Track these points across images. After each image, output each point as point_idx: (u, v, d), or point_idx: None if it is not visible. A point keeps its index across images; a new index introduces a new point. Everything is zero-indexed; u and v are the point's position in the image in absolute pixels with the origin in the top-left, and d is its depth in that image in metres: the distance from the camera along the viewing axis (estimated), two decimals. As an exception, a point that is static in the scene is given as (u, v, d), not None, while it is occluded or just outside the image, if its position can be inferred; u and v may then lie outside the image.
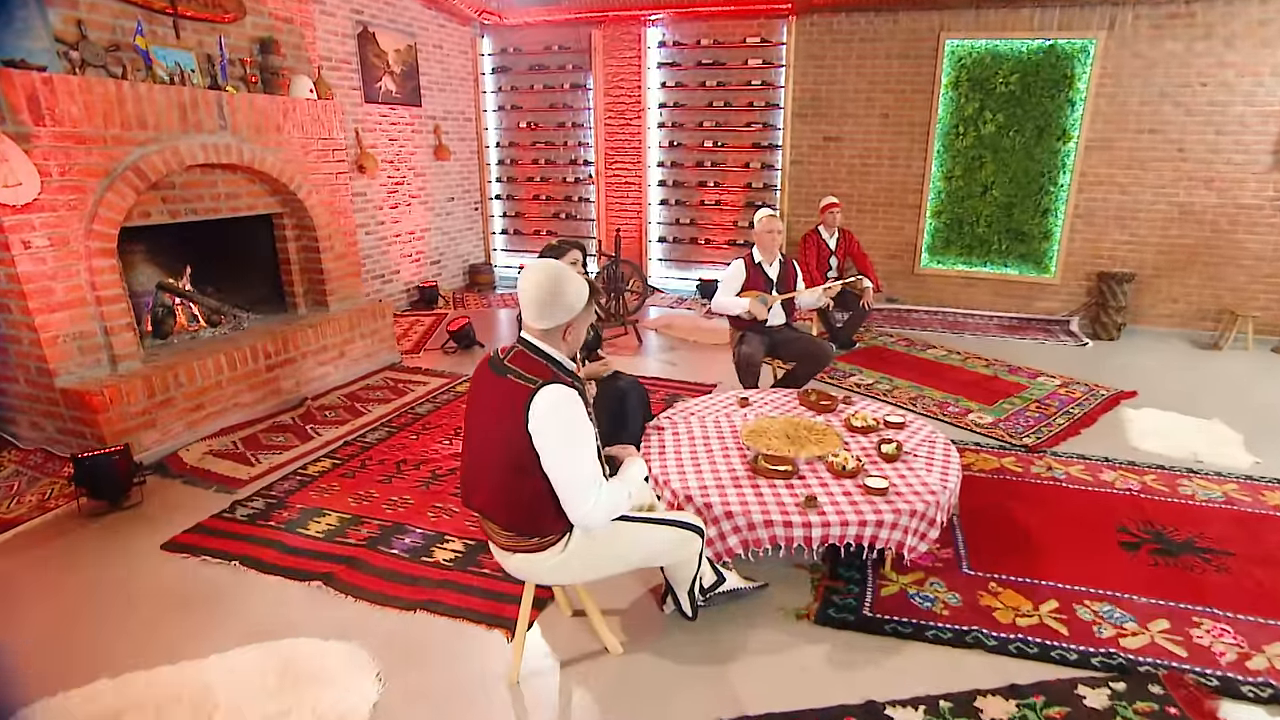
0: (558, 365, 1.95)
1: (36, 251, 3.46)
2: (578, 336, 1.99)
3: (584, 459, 1.85)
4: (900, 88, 6.50)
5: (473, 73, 7.94)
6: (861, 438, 3.12)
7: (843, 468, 2.75)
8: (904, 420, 3.25)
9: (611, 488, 1.93)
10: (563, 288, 1.89)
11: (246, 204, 4.61)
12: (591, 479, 1.86)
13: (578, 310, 1.93)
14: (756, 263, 4.14)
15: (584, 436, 1.87)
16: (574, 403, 1.86)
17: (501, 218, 8.59)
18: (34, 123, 3.38)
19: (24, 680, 2.26)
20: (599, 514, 1.87)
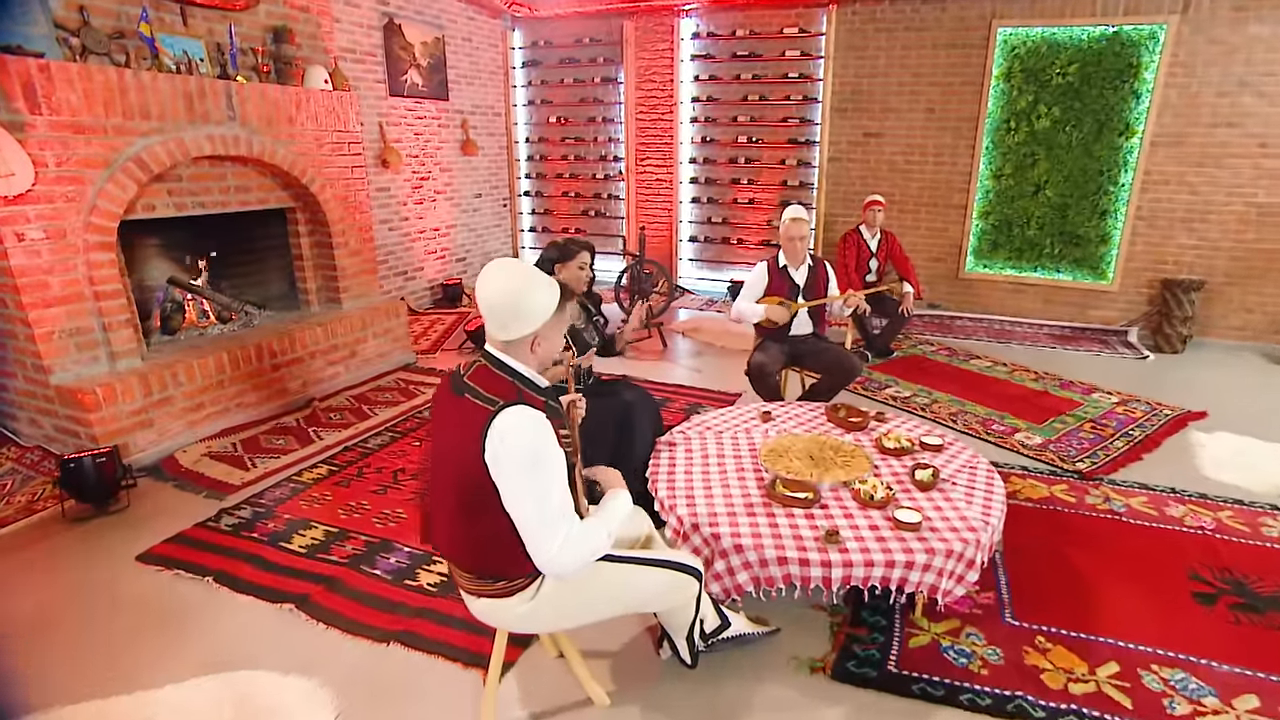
0: (526, 383, 1.69)
1: (31, 244, 3.33)
2: (550, 347, 1.73)
3: (550, 493, 1.58)
4: (947, 80, 6.07)
5: (503, 66, 7.75)
6: (894, 461, 2.79)
7: (870, 497, 2.42)
8: (942, 442, 2.90)
9: (587, 526, 1.65)
10: (527, 293, 1.63)
11: (257, 198, 4.46)
12: (558, 516, 1.59)
13: (545, 318, 1.66)
14: (781, 266, 3.81)
15: (550, 466, 1.59)
16: (538, 427, 1.59)
17: (530, 215, 8.39)
18: (29, 111, 3.25)
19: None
20: (568, 558, 1.59)
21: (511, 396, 1.61)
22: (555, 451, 1.61)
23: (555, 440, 1.63)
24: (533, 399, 1.66)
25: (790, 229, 3.71)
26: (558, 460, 1.61)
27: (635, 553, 1.87)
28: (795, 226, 3.70)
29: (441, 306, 7.13)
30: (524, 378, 1.69)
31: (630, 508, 1.83)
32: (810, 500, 2.43)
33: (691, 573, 1.89)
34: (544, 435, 1.59)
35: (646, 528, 2.14)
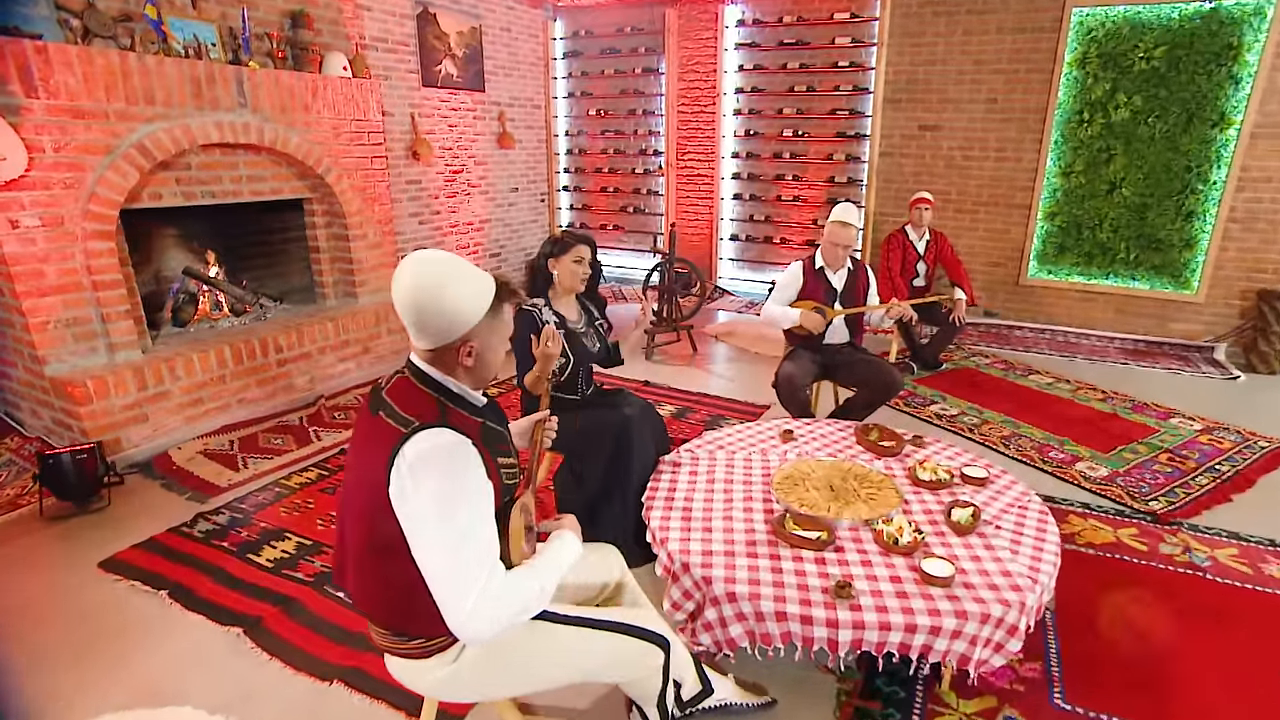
0: (454, 399, 1.39)
1: (26, 232, 3.21)
2: (489, 358, 1.42)
3: (465, 539, 1.26)
4: (1013, 67, 5.51)
5: (543, 57, 7.50)
6: (928, 495, 2.38)
7: (894, 541, 2.04)
8: (986, 475, 2.48)
9: (513, 581, 1.33)
10: (448, 289, 1.32)
11: (271, 188, 4.31)
12: (475, 568, 1.27)
13: (473, 320, 1.35)
14: (818, 268, 3.42)
15: (467, 506, 1.28)
16: (456, 457, 1.29)
17: (569, 210, 8.14)
18: (25, 94, 3.13)
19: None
20: (485, 620, 1.26)
21: (430, 416, 1.31)
22: (476, 487, 1.30)
23: (482, 473, 1.32)
24: (461, 420, 1.36)
25: (836, 233, 3.30)
26: (480, 498, 1.31)
27: (585, 612, 1.54)
28: (842, 232, 3.29)
29: (473, 302, 6.94)
30: (451, 393, 1.39)
31: (576, 556, 1.50)
32: (823, 541, 2.06)
33: (655, 641, 1.55)
34: (462, 467, 1.29)
35: (616, 573, 1.82)
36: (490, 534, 1.31)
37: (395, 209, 6.15)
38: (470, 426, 1.37)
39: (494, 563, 1.30)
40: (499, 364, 1.46)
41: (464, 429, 1.33)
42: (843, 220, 3.29)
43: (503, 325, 1.42)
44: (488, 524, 1.31)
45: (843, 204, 3.36)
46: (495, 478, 1.38)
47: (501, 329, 1.42)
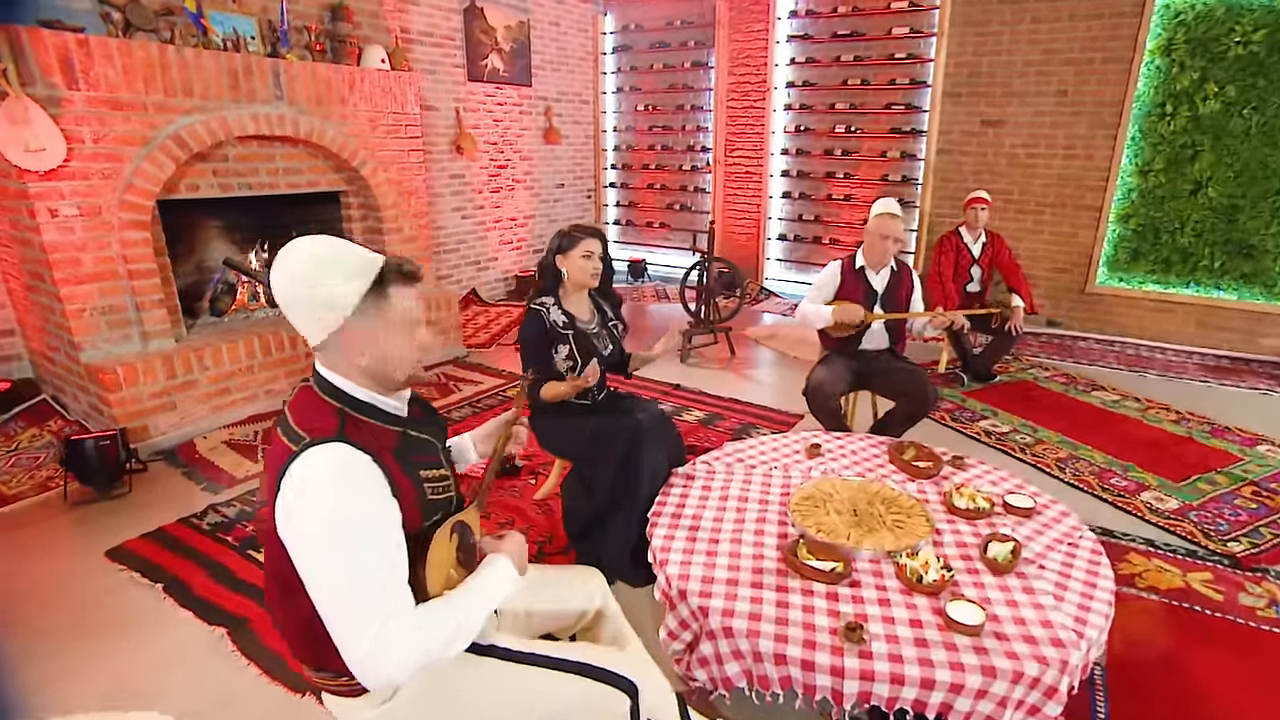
0: (360, 409, 1.22)
1: (64, 221, 3.25)
2: (387, 353, 1.21)
3: (357, 571, 1.09)
4: (1086, 57, 5.07)
5: (592, 52, 7.38)
6: (964, 525, 2.12)
7: (918, 578, 1.80)
8: (1033, 504, 2.19)
9: (424, 617, 1.14)
10: (317, 274, 1.16)
11: (308, 180, 4.29)
12: (372, 604, 1.09)
13: (348, 309, 1.17)
14: (857, 268, 3.16)
15: (361, 533, 1.11)
16: (346, 475, 1.12)
17: (615, 207, 8.00)
18: (66, 86, 3.16)
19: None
20: (384, 664, 1.08)
21: (326, 430, 1.15)
22: (374, 511, 1.13)
23: (384, 493, 1.15)
24: (368, 432, 1.20)
25: (881, 225, 3.04)
26: (378, 523, 1.13)
27: (541, 648, 1.37)
28: (887, 224, 3.03)
29: (514, 299, 6.87)
30: (356, 401, 1.22)
31: (511, 586, 1.29)
32: (837, 574, 1.84)
33: (620, 686, 1.36)
34: (356, 488, 1.12)
35: (597, 600, 1.64)
36: (392, 564, 1.13)
37: (438, 203, 6.13)
38: (382, 438, 1.22)
39: (397, 598, 1.12)
40: (407, 360, 1.24)
41: (367, 443, 1.17)
42: (888, 212, 3.02)
43: (395, 312, 1.21)
44: (388, 553, 1.13)
45: (885, 199, 3.10)
46: (410, 496, 1.22)
47: (394, 316, 1.21)
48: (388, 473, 1.17)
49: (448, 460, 1.39)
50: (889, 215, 3.02)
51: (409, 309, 1.22)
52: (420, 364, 1.27)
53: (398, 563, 1.14)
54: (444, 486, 1.32)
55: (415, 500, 1.22)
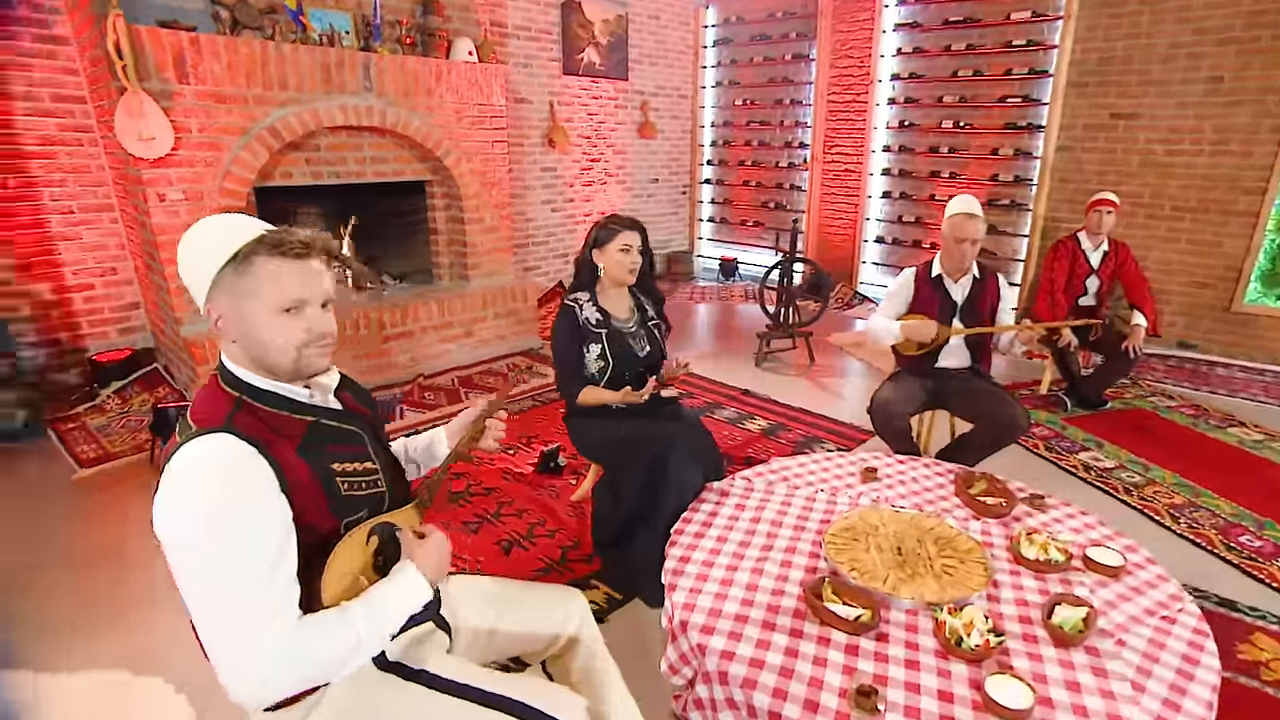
0: (261, 398, 1.11)
1: (170, 205, 3.45)
2: (252, 333, 1.09)
3: (225, 577, 0.97)
4: (1252, 34, 4.28)
5: (693, 45, 7.17)
6: (1029, 580, 1.79)
7: (958, 640, 1.51)
8: (1123, 562, 1.82)
9: (308, 632, 1.01)
10: (189, 244, 1.10)
11: (394, 169, 4.38)
12: (238, 615, 0.97)
13: (207, 281, 1.07)
14: (934, 276, 2.80)
15: (231, 535, 0.98)
16: (221, 470, 1.00)
17: (710, 204, 7.77)
18: (178, 80, 3.34)
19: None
20: (253, 682, 0.97)
21: (214, 420, 1.05)
22: (250, 510, 1.01)
23: (269, 490, 1.03)
24: (265, 422, 1.09)
25: (956, 227, 2.69)
26: (256, 525, 1.01)
27: (477, 678, 1.21)
28: (963, 225, 2.67)
29: (602, 292, 6.80)
30: (256, 389, 1.11)
31: (417, 598, 1.13)
32: (862, 624, 1.58)
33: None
34: (230, 485, 1.00)
35: (572, 625, 1.48)
36: (270, 569, 1.00)
37: (528, 195, 6.15)
38: (285, 428, 1.10)
39: (272, 608, 0.99)
40: (281, 346, 1.10)
41: (259, 434, 1.06)
42: (967, 211, 2.65)
43: (257, 284, 1.07)
44: (265, 556, 1.00)
45: (963, 196, 2.72)
46: (312, 491, 1.09)
47: (256, 289, 1.07)
48: (278, 466, 1.05)
49: (381, 453, 1.27)
50: (965, 215, 2.65)
51: (278, 286, 1.08)
52: (313, 351, 1.12)
53: (280, 567, 1.01)
54: (369, 482, 1.19)
55: (320, 496, 1.10)
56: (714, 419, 3.70)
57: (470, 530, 2.62)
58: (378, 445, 1.28)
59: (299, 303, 1.10)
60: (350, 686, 1.15)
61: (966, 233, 2.65)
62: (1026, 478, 3.01)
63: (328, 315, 1.15)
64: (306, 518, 1.09)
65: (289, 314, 1.09)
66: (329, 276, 1.16)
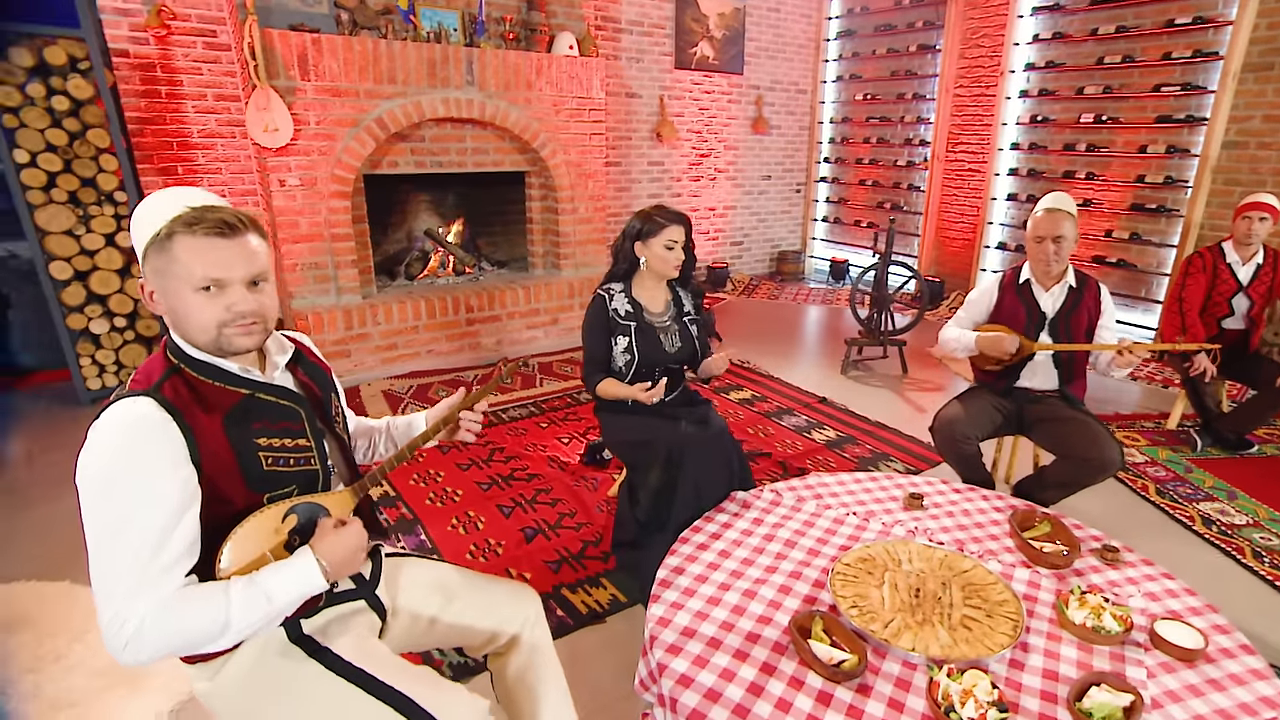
0: (198, 368, 1.11)
1: (289, 190, 3.73)
2: (177, 308, 1.08)
3: (112, 536, 0.97)
4: None
5: (814, 38, 6.79)
6: (1070, 648, 1.47)
7: (948, 709, 1.26)
8: (1203, 645, 1.45)
9: (184, 603, 0.99)
10: (134, 221, 1.10)
11: (493, 160, 4.47)
12: (117, 574, 0.97)
13: (140, 254, 1.08)
14: (1021, 283, 2.42)
15: (122, 495, 0.98)
16: (135, 433, 1.00)
17: (825, 203, 7.35)
18: (300, 78, 3.60)
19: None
20: (121, 641, 0.96)
21: (144, 384, 1.06)
22: (151, 474, 1.00)
23: (171, 457, 1.02)
24: (189, 391, 1.07)
25: (1037, 222, 2.30)
26: (152, 489, 0.99)
27: (375, 665, 1.15)
28: (1043, 221, 2.29)
29: (703, 288, 6.63)
30: (193, 360, 1.11)
31: (302, 587, 1.07)
32: (844, 671, 1.37)
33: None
34: (135, 446, 0.99)
35: (515, 625, 1.39)
36: (160, 534, 0.99)
37: (634, 189, 6.11)
38: (216, 399, 1.09)
39: (153, 576, 0.98)
40: (200, 323, 1.08)
41: (184, 401, 1.05)
42: (1053, 206, 2.26)
43: (175, 264, 1.05)
44: (157, 521, 0.99)
45: (1055, 193, 2.32)
46: (227, 463, 1.07)
47: (173, 270, 1.06)
48: (192, 436, 1.04)
49: (323, 432, 1.24)
50: (1048, 211, 2.25)
51: (194, 264, 1.05)
52: (233, 330, 1.09)
53: (170, 537, 1.00)
54: (299, 459, 1.16)
55: (235, 468, 1.08)
56: (779, 425, 3.46)
57: (504, 513, 2.60)
58: (320, 424, 1.25)
59: (216, 282, 1.07)
60: (257, 652, 1.15)
61: (1044, 229, 2.25)
62: (1122, 526, 2.56)
63: (254, 294, 1.11)
64: (220, 489, 1.08)
65: (208, 292, 1.07)
66: (262, 253, 1.14)
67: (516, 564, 2.30)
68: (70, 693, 1.77)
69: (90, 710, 1.72)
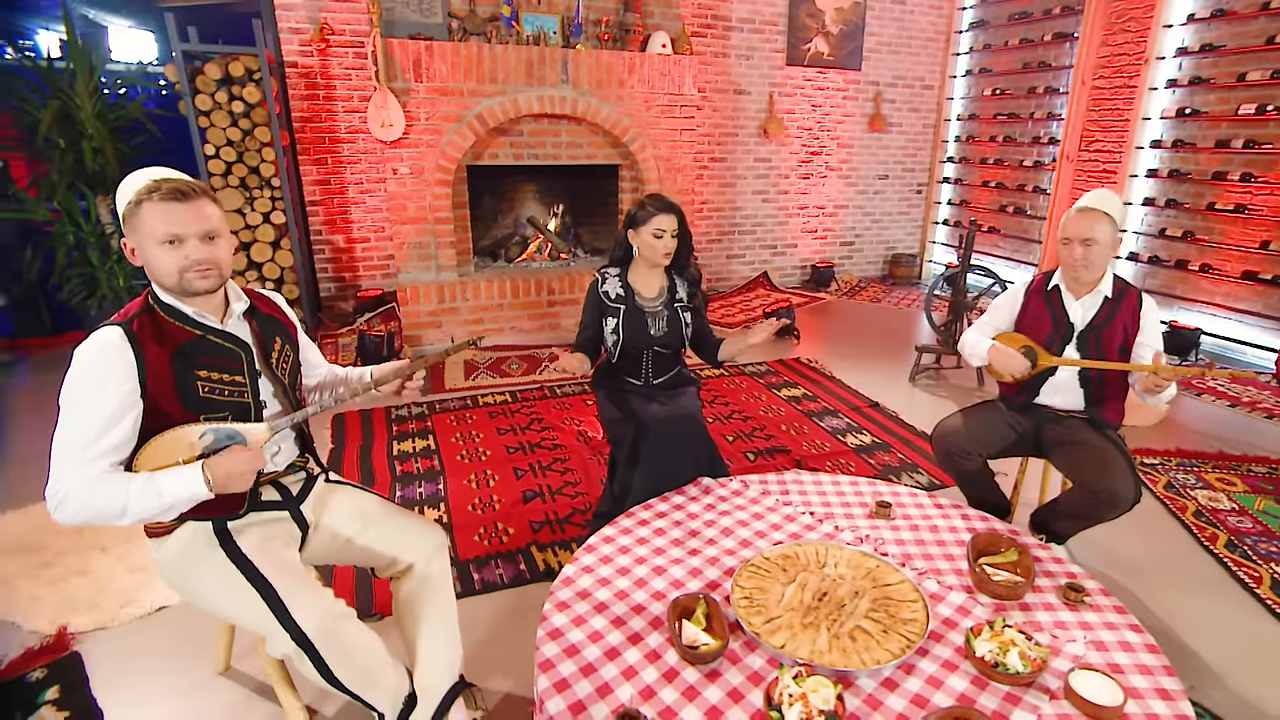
0: (167, 310, 1.35)
1: (400, 178, 4.14)
2: (150, 261, 1.31)
3: (64, 424, 1.24)
4: None
5: (944, 30, 6.23)
6: (959, 681, 1.32)
7: (775, 708, 1.21)
8: (1120, 703, 1.24)
9: (102, 485, 1.21)
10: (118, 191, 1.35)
11: (586, 153, 4.63)
12: (60, 455, 1.23)
13: (123, 221, 1.31)
14: (1049, 288, 2.12)
15: (76, 395, 1.24)
16: (101, 348, 1.26)
17: (946, 205, 6.75)
18: (415, 80, 3.97)
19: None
20: (53, 504, 1.21)
21: (120, 317, 1.31)
22: (101, 384, 1.24)
23: (119, 371, 1.25)
24: (152, 327, 1.31)
25: (1074, 224, 2.00)
26: (97, 393, 1.24)
27: (262, 560, 1.34)
28: (1073, 221, 2.00)
29: (807, 288, 6.39)
30: (163, 303, 1.35)
31: (184, 492, 1.25)
32: (698, 654, 1.35)
33: (288, 628, 1.27)
34: (100, 361, 1.25)
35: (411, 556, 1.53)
36: (97, 431, 1.23)
37: (739, 185, 6.02)
38: (172, 335, 1.33)
39: (84, 459, 1.22)
40: (164, 271, 1.30)
41: (145, 334, 1.29)
42: (1087, 205, 1.96)
43: (143, 226, 1.28)
44: (97, 421, 1.23)
45: (1099, 191, 2.00)
46: (166, 384, 1.30)
47: (143, 230, 1.29)
48: (143, 361, 1.27)
49: (262, 371, 1.44)
50: (1081, 210, 1.95)
51: (155, 224, 1.28)
52: (192, 275, 1.31)
53: (106, 434, 1.23)
54: (233, 391, 1.37)
55: (174, 392, 1.30)
56: (816, 424, 3.29)
57: (517, 475, 2.75)
58: (260, 367, 1.44)
59: (175, 237, 1.30)
60: (189, 536, 1.38)
61: (1072, 230, 1.96)
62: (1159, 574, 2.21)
63: (208, 246, 1.33)
64: (160, 406, 1.31)
65: (170, 245, 1.30)
66: (215, 215, 1.35)
67: (505, 519, 2.44)
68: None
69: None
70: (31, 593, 2.06)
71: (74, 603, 2.02)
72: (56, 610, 1.99)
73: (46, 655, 1.82)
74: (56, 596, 2.04)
